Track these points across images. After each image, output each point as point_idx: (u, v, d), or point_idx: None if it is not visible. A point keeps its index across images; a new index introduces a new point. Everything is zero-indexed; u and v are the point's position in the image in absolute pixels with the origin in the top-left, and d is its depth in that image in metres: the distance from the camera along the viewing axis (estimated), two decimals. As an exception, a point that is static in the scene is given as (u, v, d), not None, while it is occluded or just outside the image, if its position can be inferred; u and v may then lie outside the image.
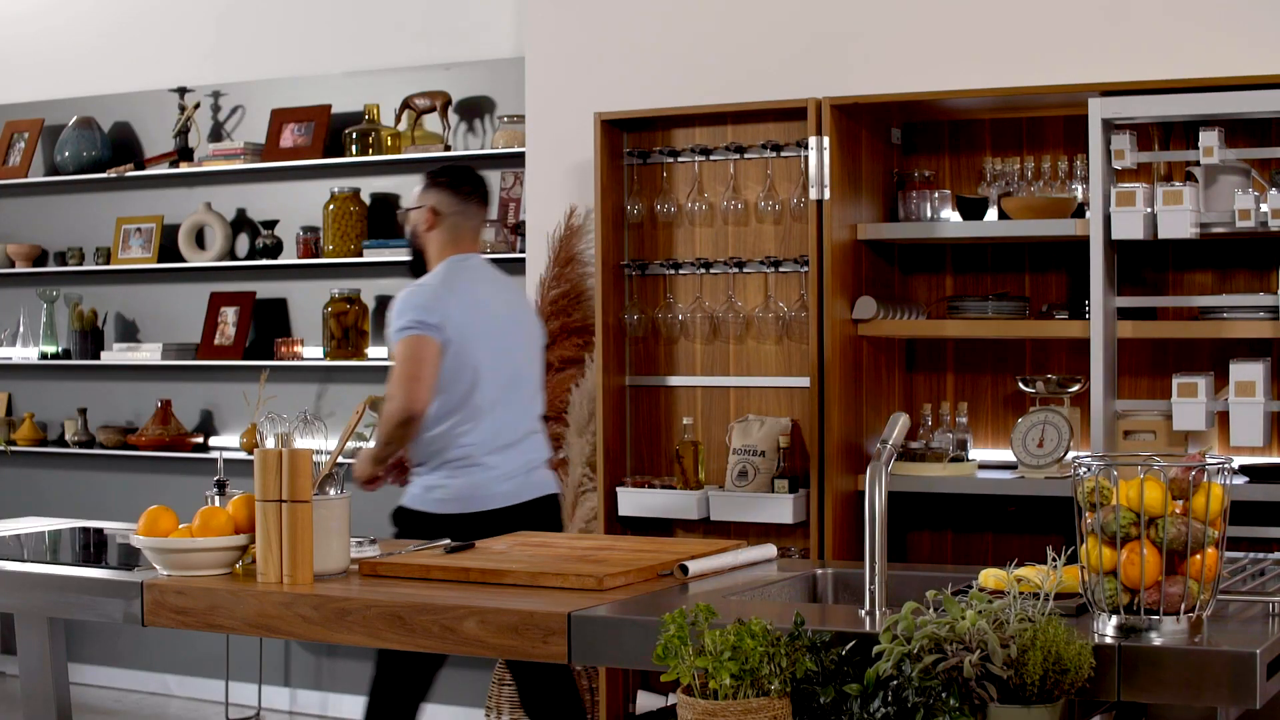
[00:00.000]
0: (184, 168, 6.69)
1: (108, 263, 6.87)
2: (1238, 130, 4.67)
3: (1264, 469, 4.60)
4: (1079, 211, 4.77)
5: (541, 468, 4.50)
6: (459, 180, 4.51)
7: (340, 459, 3.45)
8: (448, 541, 3.80)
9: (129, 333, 7.00)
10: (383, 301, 6.41)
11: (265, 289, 6.66)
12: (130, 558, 3.68)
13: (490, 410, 4.35)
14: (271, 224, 6.55)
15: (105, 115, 7.00)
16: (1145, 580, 2.62)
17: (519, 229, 6.00)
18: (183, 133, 6.74)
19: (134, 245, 6.81)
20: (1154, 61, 4.81)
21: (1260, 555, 3.28)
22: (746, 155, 5.11)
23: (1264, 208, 4.35)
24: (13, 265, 7.10)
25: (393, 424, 4.24)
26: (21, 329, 7.12)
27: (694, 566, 3.36)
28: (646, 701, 5.11)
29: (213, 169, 6.63)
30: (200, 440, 6.73)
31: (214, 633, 5.29)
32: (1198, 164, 4.48)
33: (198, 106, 6.74)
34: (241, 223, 6.73)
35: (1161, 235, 4.44)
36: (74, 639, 6.84)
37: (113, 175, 6.82)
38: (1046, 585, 2.63)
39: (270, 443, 3.38)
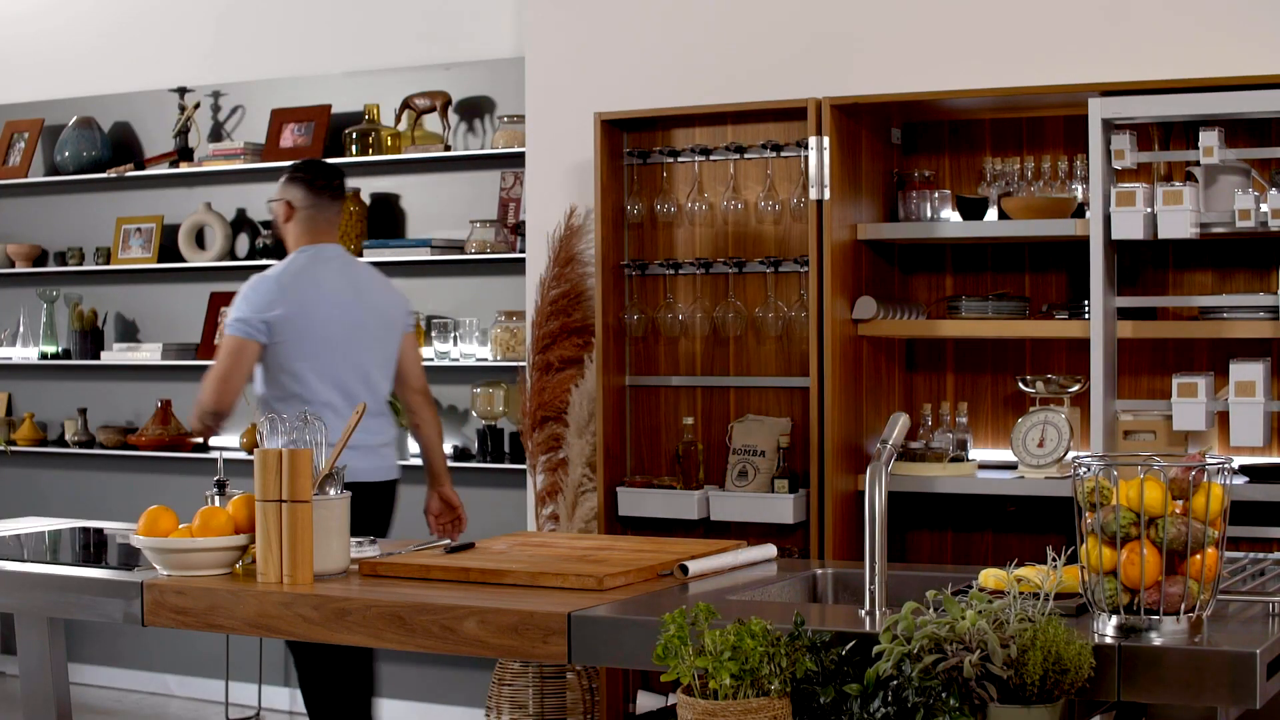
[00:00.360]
0: (184, 168, 6.69)
1: (108, 263, 6.87)
2: (1238, 130, 4.66)
3: (1264, 469, 4.60)
4: (1079, 211, 4.77)
5: (385, 449, 4.74)
6: (315, 176, 4.80)
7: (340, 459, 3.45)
8: (448, 541, 3.80)
9: (129, 333, 7.00)
10: (383, 301, 6.41)
11: (265, 289, 6.65)
12: (130, 558, 3.68)
13: (327, 391, 4.61)
14: (272, 224, 6.55)
15: (105, 115, 7.00)
16: (1145, 580, 2.62)
17: (519, 229, 6.00)
18: (183, 133, 6.74)
19: (134, 245, 6.81)
20: (1154, 61, 4.81)
21: (1260, 555, 3.28)
22: (746, 155, 5.11)
23: (1264, 208, 4.35)
24: (13, 265, 7.10)
25: (199, 416, 4.61)
26: (21, 329, 7.12)
27: (694, 566, 3.36)
28: (646, 701, 5.11)
29: (213, 169, 6.63)
30: (200, 440, 6.73)
31: (214, 633, 5.30)
32: (1198, 164, 4.48)
33: (198, 106, 6.74)
34: (241, 223, 6.73)
35: (1161, 235, 4.44)
36: (74, 639, 6.84)
37: (113, 175, 6.82)
38: (1046, 585, 2.63)
39: (270, 443, 3.38)
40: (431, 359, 6.19)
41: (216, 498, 3.58)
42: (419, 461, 6.40)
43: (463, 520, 4.90)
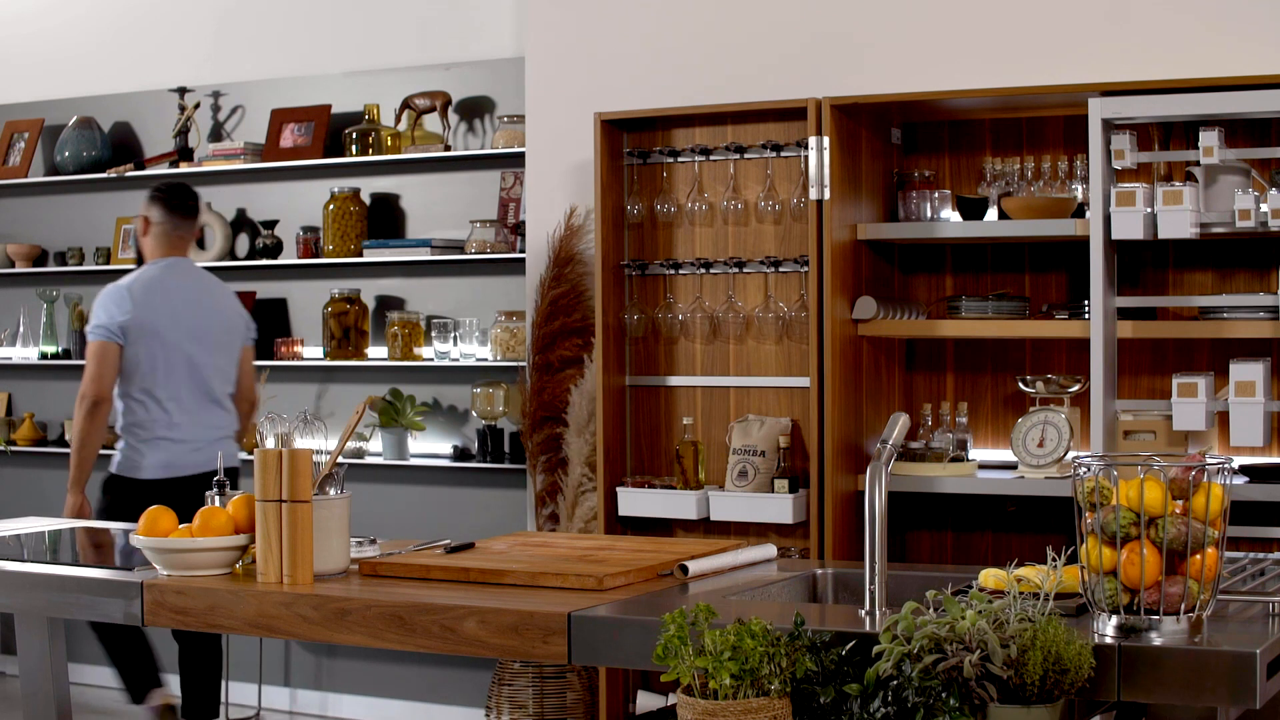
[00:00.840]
0: (184, 168, 6.69)
1: (108, 263, 6.87)
2: (1238, 130, 4.67)
3: (1264, 469, 4.60)
4: (1079, 211, 4.77)
5: (223, 441, 5.37)
6: (170, 196, 5.44)
7: (340, 459, 3.45)
8: (448, 541, 3.80)
9: (129, 333, 6.99)
10: (383, 302, 6.41)
11: (265, 289, 6.66)
12: (130, 558, 3.68)
13: (171, 390, 5.31)
14: (271, 224, 6.55)
15: (105, 115, 7.00)
16: (1145, 580, 2.62)
17: (519, 229, 6.00)
18: (183, 133, 6.74)
19: (134, 245, 6.81)
20: (1154, 61, 4.81)
21: (1260, 555, 3.28)
22: (746, 155, 5.11)
23: (1264, 208, 4.35)
24: (13, 265, 7.10)
25: (83, 411, 5.25)
26: (21, 329, 7.12)
27: (694, 566, 3.36)
28: (646, 701, 5.11)
29: (213, 169, 6.63)
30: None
31: (214, 633, 5.30)
32: (1198, 164, 4.48)
33: (198, 106, 6.74)
34: (241, 223, 6.73)
35: (1161, 235, 4.44)
36: (74, 639, 6.83)
37: (113, 175, 6.82)
38: (1046, 585, 2.63)
39: (270, 443, 3.38)
40: (432, 359, 6.20)
41: (216, 498, 3.58)
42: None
43: None
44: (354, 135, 6.33)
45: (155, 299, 5.34)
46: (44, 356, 7.02)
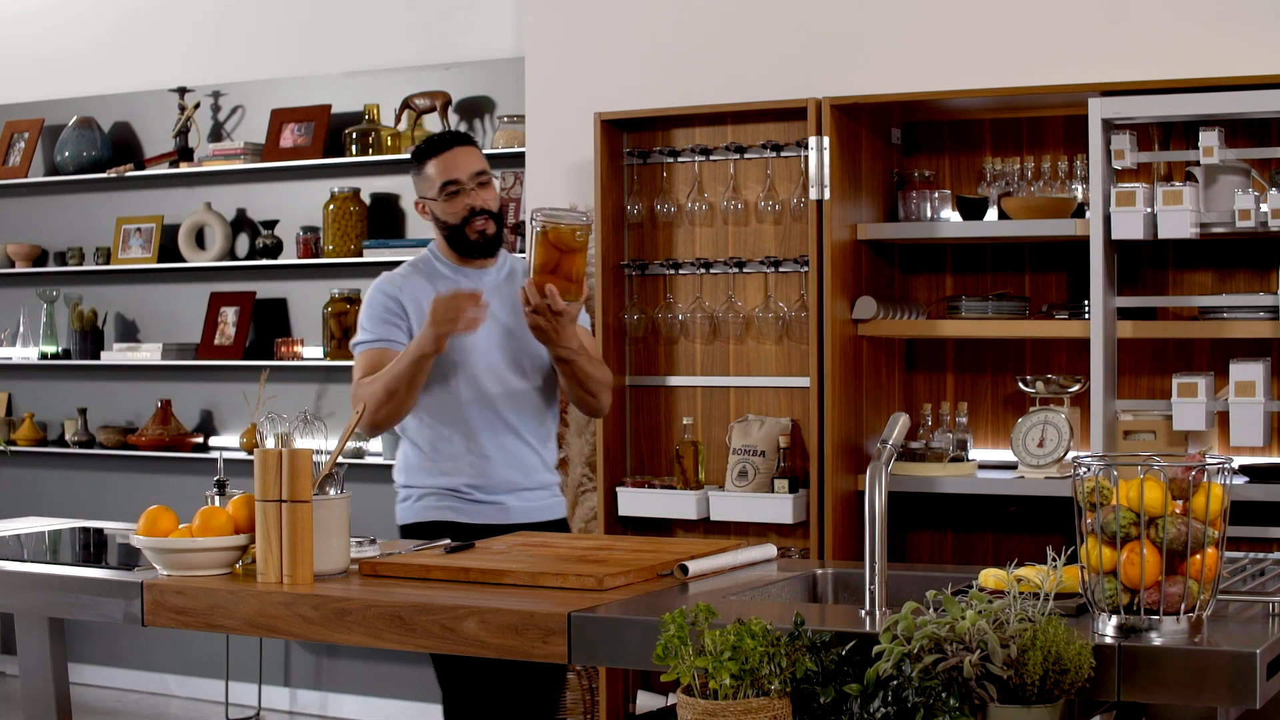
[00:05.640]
0: (184, 168, 6.69)
1: (108, 263, 6.87)
2: (1238, 130, 4.67)
3: (1264, 469, 4.60)
4: (1079, 211, 4.77)
5: None
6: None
7: (340, 459, 3.45)
8: (448, 541, 3.80)
9: (129, 333, 7.00)
10: (383, 301, 6.41)
11: (265, 289, 6.66)
12: (130, 558, 3.68)
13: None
14: (271, 224, 6.55)
15: (105, 115, 7.00)
16: (1145, 580, 2.62)
17: (519, 229, 6.00)
18: (183, 133, 6.74)
19: (134, 245, 6.81)
20: (1154, 61, 4.81)
21: (1260, 555, 3.28)
22: (746, 155, 5.11)
23: (1264, 208, 4.35)
24: (13, 265, 7.10)
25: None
26: (21, 329, 7.12)
27: (694, 566, 3.36)
28: (646, 701, 5.11)
29: (213, 169, 6.63)
30: (200, 440, 6.74)
31: (214, 633, 5.30)
32: (1198, 164, 4.48)
33: (198, 106, 6.74)
34: (241, 223, 6.73)
35: (1161, 235, 4.44)
36: (74, 639, 6.84)
37: (113, 175, 6.82)
38: (1046, 585, 2.63)
39: (270, 443, 3.38)
40: (431, 359, 6.19)
41: (216, 498, 3.58)
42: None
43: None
44: (354, 135, 6.33)
45: None
46: (44, 356, 7.02)
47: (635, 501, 5.14)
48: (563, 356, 3.92)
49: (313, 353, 6.52)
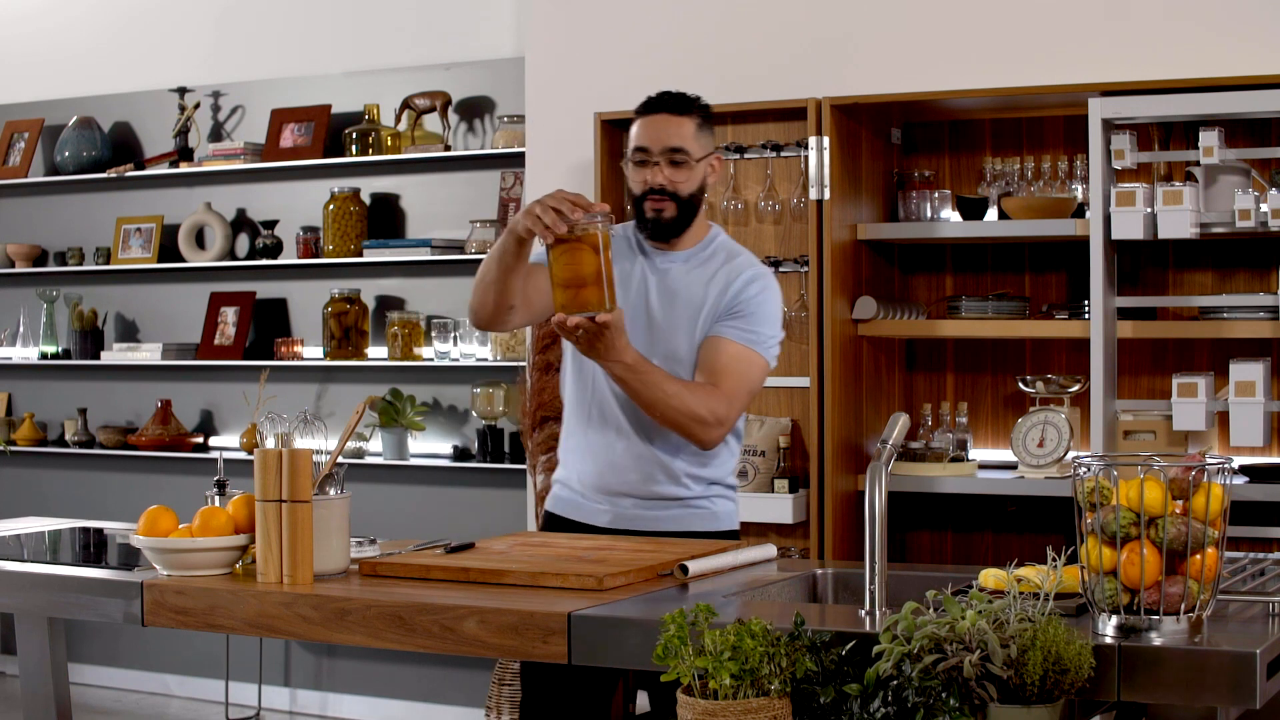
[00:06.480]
0: (184, 168, 6.69)
1: (108, 263, 6.87)
2: (1238, 130, 4.67)
3: (1264, 469, 4.60)
4: (1079, 211, 4.77)
5: None
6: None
7: (340, 459, 3.45)
8: (448, 541, 3.79)
9: (129, 333, 7.00)
10: (383, 301, 6.41)
11: (265, 289, 6.66)
12: (130, 558, 3.68)
13: None
14: (271, 224, 6.55)
15: (105, 115, 7.00)
16: (1145, 580, 2.62)
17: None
18: (183, 133, 6.74)
19: (134, 245, 6.81)
20: (1154, 61, 4.81)
21: (1260, 555, 3.28)
22: (746, 155, 5.11)
23: (1264, 208, 4.35)
24: (13, 265, 7.10)
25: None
26: (21, 329, 7.12)
27: (694, 566, 3.35)
28: (646, 701, 5.11)
29: (213, 169, 6.63)
30: (200, 440, 6.74)
31: (214, 633, 5.30)
32: (1198, 164, 4.48)
33: (198, 106, 6.74)
34: (241, 223, 6.73)
35: (1161, 235, 4.44)
36: (74, 639, 6.84)
37: (113, 175, 6.82)
38: (1046, 585, 2.63)
39: (270, 443, 3.38)
40: (431, 359, 6.20)
41: (216, 498, 3.57)
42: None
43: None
44: (354, 135, 6.33)
45: None
46: (44, 356, 7.02)
47: (635, 501, 5.13)
48: (614, 374, 3.49)
49: (313, 353, 6.52)
